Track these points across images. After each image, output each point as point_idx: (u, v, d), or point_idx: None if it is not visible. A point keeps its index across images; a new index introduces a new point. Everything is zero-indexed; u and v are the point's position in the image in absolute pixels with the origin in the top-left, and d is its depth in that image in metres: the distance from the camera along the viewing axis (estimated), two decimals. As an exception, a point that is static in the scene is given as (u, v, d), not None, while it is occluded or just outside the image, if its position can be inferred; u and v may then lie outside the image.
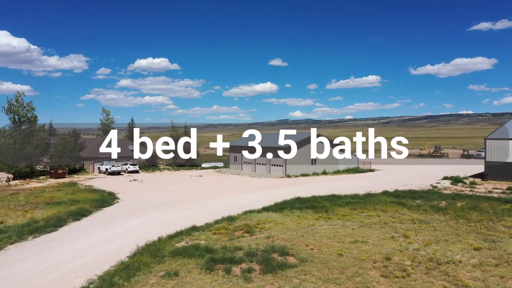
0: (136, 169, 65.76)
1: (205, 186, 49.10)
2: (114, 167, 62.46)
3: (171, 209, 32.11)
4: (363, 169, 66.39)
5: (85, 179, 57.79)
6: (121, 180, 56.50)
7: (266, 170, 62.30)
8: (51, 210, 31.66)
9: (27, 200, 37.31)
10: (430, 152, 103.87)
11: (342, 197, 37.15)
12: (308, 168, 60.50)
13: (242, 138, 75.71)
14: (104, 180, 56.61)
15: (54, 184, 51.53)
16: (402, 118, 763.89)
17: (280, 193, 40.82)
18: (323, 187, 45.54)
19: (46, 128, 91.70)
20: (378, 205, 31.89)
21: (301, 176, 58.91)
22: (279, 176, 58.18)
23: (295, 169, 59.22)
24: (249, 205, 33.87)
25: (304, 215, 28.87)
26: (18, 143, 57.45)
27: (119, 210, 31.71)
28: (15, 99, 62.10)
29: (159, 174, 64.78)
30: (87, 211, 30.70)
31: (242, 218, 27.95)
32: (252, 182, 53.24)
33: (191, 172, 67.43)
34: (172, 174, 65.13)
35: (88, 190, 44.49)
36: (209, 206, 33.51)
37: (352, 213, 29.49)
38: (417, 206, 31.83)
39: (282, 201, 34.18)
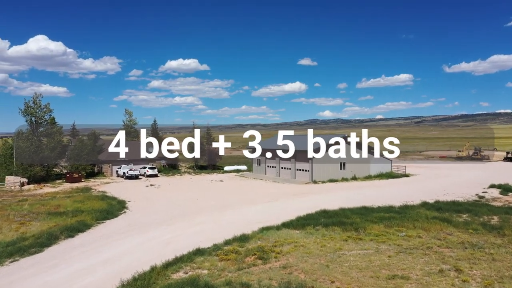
0: (155, 172, 62.91)
1: (224, 193, 45.43)
2: (132, 171, 59.79)
3: (179, 223, 28.53)
4: (397, 173, 61.14)
5: (101, 183, 55.28)
6: (137, 185, 53.64)
7: (291, 175, 58.09)
8: (49, 223, 28.73)
9: (30, 209, 34.67)
10: (469, 154, 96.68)
11: (374, 209, 32.64)
12: (336, 173, 55.90)
13: (266, 140, 71.71)
14: (120, 185, 53.89)
15: (67, 190, 49.14)
16: (436, 117, 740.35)
17: (304, 204, 36.63)
18: (353, 196, 41.01)
19: (64, 130, 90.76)
20: (418, 222, 27.25)
21: (328, 182, 54.38)
22: (305, 182, 53.86)
23: (322, 174, 54.76)
24: (268, 218, 29.91)
25: (330, 234, 24.66)
26: (33, 146, 55.54)
27: (122, 225, 28.39)
28: (33, 101, 60.42)
29: (178, 179, 61.69)
30: (85, 225, 27.52)
31: (257, 237, 24.01)
32: (274, 188, 49.20)
33: (212, 176, 64.02)
34: (192, 178, 61.90)
35: (99, 197, 41.65)
36: (223, 220, 29.73)
37: (387, 232, 25.02)
38: (465, 224, 26.99)
39: (305, 215, 30.04)
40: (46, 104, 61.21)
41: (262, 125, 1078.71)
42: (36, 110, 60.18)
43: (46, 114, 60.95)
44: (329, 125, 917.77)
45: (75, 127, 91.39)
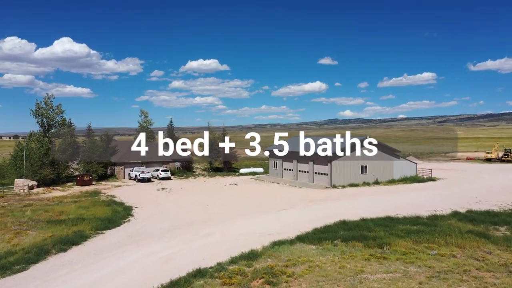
0: (168, 175, 60.87)
1: (236, 199, 42.89)
2: (144, 174, 57.87)
3: (184, 236, 26.09)
4: (422, 177, 57.46)
5: (111, 187, 53.51)
6: (148, 188, 51.64)
7: (309, 178, 55.14)
8: (45, 233, 26.76)
9: (31, 216, 32.87)
10: (498, 156, 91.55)
11: (400, 220, 29.56)
12: (357, 177, 52.69)
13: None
14: (131, 189, 52.00)
15: (76, 193, 47.49)
16: (460, 116, 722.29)
17: (322, 212, 33.77)
18: (375, 204, 37.90)
19: (82, 131, 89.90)
20: (451, 237, 24.10)
21: (349, 186, 51.23)
22: (324, 187, 50.86)
23: (342, 178, 51.64)
24: (282, 229, 27.23)
25: (351, 251, 21.79)
26: (44, 148, 54.20)
27: (122, 236, 26.14)
28: (44, 102, 59.25)
29: (191, 182, 59.48)
30: (82, 237, 25.37)
31: (267, 254, 21.35)
32: (291, 193, 46.41)
33: (227, 180, 61.61)
34: (206, 181, 59.62)
35: (105, 203, 39.69)
36: (232, 231, 27.17)
37: (416, 249, 22.00)
38: (505, 240, 23.72)
39: (323, 227, 27.23)
40: (58, 105, 60.04)
41: (281, 125, 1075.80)
42: (48, 111, 58.98)
43: (57, 115, 59.70)
44: (350, 124, 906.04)
45: (91, 127, 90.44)
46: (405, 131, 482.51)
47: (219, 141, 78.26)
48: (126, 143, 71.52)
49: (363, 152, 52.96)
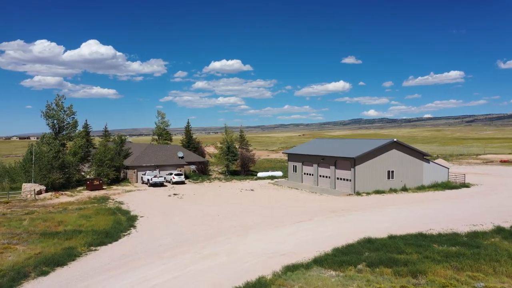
0: (181, 179, 58.08)
1: (251, 207, 39.57)
2: (156, 178, 55.22)
3: (184, 255, 22.93)
4: (455, 183, 52.84)
5: (122, 192, 51.04)
6: (159, 194, 48.92)
7: (330, 184, 51.33)
8: (34, 249, 24.09)
9: (27, 227, 30.43)
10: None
11: (434, 238, 25.63)
12: (383, 183, 48.61)
13: (303, 144, 65.25)
14: (141, 194, 49.40)
15: (84, 199, 45.20)
16: (490, 116, 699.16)
17: (344, 226, 30.10)
18: (404, 215, 33.93)
19: (89, 132, 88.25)
20: (500, 263, 20.12)
21: (374, 193, 47.23)
22: (346, 194, 47.00)
23: (366, 184, 47.68)
24: (297, 249, 23.78)
25: (378, 281, 18.15)
26: (53, 151, 52.23)
27: (115, 255, 23.17)
28: (55, 103, 57.39)
29: (206, 186, 56.51)
30: (71, 256, 22.52)
31: (278, 283, 17.94)
32: (310, 202, 42.79)
33: (243, 184, 58.37)
34: (221, 186, 56.52)
35: (110, 211, 37.05)
36: (240, 250, 23.85)
37: (457, 279, 18.19)
38: None
39: (344, 246, 23.60)
40: (69, 106, 58.10)
41: (304, 124, 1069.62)
42: (59, 112, 57.09)
43: (69, 116, 57.76)
44: (374, 124, 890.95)
45: (107, 129, 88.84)
46: (432, 131, 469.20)
47: (237, 143, 75.25)
48: (140, 146, 69.26)
49: (390, 156, 48.88)
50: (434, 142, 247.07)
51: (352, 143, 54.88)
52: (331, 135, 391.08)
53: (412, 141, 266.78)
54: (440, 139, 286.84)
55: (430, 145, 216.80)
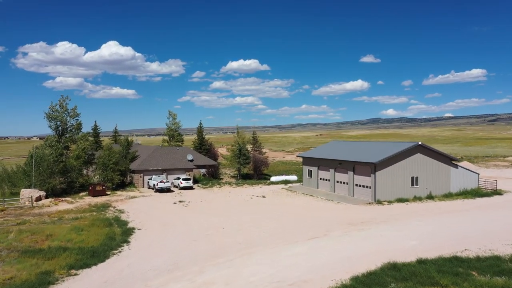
0: (189, 185, 54.88)
1: (260, 218, 36.05)
2: (162, 184, 52.14)
3: (175, 284, 19.53)
4: (486, 190, 48.27)
5: (126, 198, 48.13)
6: (164, 201, 45.84)
7: (348, 191, 47.41)
8: (6, 272, 21.13)
9: (10, 242, 27.58)
10: None
11: (472, 263, 21.60)
12: (406, 190, 44.47)
13: (319, 147, 61.39)
14: (145, 201, 46.39)
15: (83, 207, 42.42)
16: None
17: (364, 244, 26.28)
18: (432, 230, 29.90)
19: (96, 132, 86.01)
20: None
21: (396, 202, 43.17)
22: (366, 202, 43.06)
23: (388, 191, 43.63)
24: (308, 275, 20.15)
25: (409, 328, 14.43)
26: (54, 154, 49.70)
27: (95, 283, 19.92)
28: (59, 104, 54.94)
29: (214, 192, 53.20)
30: (43, 284, 19.38)
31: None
32: (326, 211, 39.02)
33: (255, 190, 54.87)
34: (231, 192, 53.12)
35: (107, 222, 34.02)
36: (241, 277, 20.33)
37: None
38: None
39: (365, 274, 19.86)
40: (73, 107, 55.59)
41: (322, 124, 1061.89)
42: (62, 114, 54.62)
43: (72, 118, 55.25)
44: (393, 124, 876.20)
45: (117, 130, 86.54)
46: (453, 130, 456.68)
47: (249, 144, 71.88)
48: (149, 148, 66.40)
49: (414, 161, 44.73)
50: (456, 143, 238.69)
51: (372, 146, 50.78)
52: (349, 135, 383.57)
53: (433, 141, 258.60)
54: (462, 139, 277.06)
55: (452, 145, 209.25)
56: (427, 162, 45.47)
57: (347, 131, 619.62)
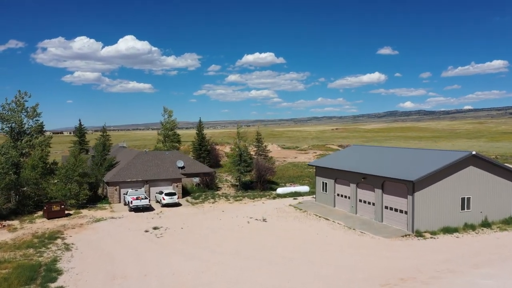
0: (174, 201, 44.19)
1: (255, 268, 25.18)
2: (138, 201, 41.56)
3: None
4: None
5: (88, 222, 37.72)
6: (134, 227, 35.32)
7: (375, 214, 36.23)
8: None
9: None
10: None
11: None
12: (454, 216, 33.10)
13: (336, 153, 49.99)
14: (110, 226, 35.93)
15: (24, 238, 32.22)
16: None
17: None
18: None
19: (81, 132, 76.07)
20: None
21: (441, 232, 31.89)
22: (400, 234, 31.87)
23: (430, 218, 32.32)
24: None
25: None
26: (5, 165, 39.61)
27: None
28: (15, 101, 44.80)
29: (204, 212, 42.46)
30: None
31: None
32: (345, 250, 27.93)
33: (255, 206, 44.00)
34: (225, 211, 42.27)
35: (30, 273, 23.60)
36: None
37: None
38: None
39: None
40: (34, 105, 45.37)
41: (338, 117, 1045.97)
42: (19, 113, 44.47)
43: (31, 119, 45.07)
44: (410, 116, 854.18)
45: (105, 128, 76.43)
46: (473, 123, 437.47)
47: (253, 147, 61.05)
48: (133, 153, 55.83)
49: (465, 176, 33.28)
50: (480, 137, 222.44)
51: (407, 155, 39.12)
52: (365, 129, 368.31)
53: (454, 136, 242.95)
54: (487, 134, 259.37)
55: (477, 140, 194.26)
56: (482, 177, 33.95)
57: (364, 124, 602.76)
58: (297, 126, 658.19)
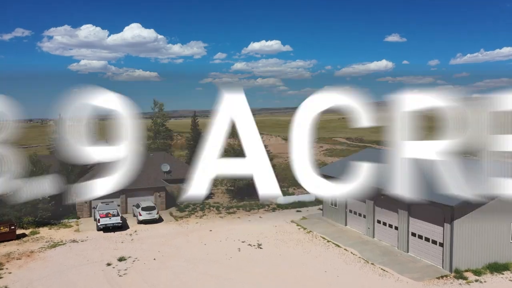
0: (153, 217, 36.81)
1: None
2: (107, 219, 34.22)
3: None
4: None
5: (41, 248, 30.57)
6: (94, 258, 28.13)
7: (399, 241, 28.72)
8: None
9: None
10: None
11: None
12: (503, 249, 25.59)
13: (347, 159, 42.21)
14: (66, 255, 28.76)
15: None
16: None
17: None
18: None
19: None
20: None
21: (488, 271, 24.42)
22: (434, 275, 24.39)
23: (473, 251, 24.81)
24: None
25: None
26: None
27: None
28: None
29: (189, 231, 35.14)
30: None
31: None
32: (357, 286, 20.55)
33: (250, 226, 36.56)
34: (212, 231, 34.92)
35: None
36: None
37: None
38: None
39: None
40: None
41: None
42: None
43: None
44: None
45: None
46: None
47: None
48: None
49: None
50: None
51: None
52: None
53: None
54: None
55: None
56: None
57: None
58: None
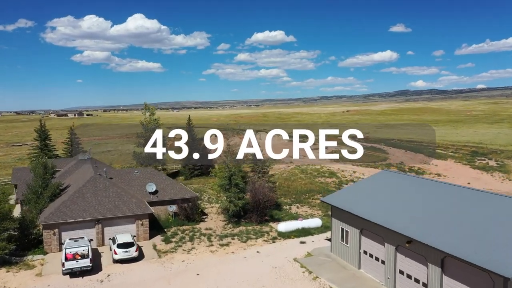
0: (130, 255, 31.02)
1: None
2: (75, 261, 28.65)
3: None
4: None
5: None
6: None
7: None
8: None
9: None
10: None
11: None
12: None
13: (359, 185, 36.11)
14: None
15: None
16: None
17: None
18: None
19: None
20: None
21: None
22: None
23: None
24: None
25: None
26: None
27: None
28: None
29: (172, 274, 29.57)
30: None
31: None
32: None
33: (245, 263, 30.99)
34: (200, 274, 29.34)
35: None
36: None
37: None
38: None
39: None
40: None
41: (348, 96, 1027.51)
42: None
43: None
44: (422, 96, 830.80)
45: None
46: (488, 103, 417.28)
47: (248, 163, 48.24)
48: (89, 172, 42.56)
49: None
50: (501, 122, 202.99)
51: (479, 204, 24.92)
52: (377, 110, 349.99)
53: (473, 120, 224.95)
54: (506, 117, 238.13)
55: (500, 126, 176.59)
56: None
57: (374, 104, 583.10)
58: (306, 106, 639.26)
